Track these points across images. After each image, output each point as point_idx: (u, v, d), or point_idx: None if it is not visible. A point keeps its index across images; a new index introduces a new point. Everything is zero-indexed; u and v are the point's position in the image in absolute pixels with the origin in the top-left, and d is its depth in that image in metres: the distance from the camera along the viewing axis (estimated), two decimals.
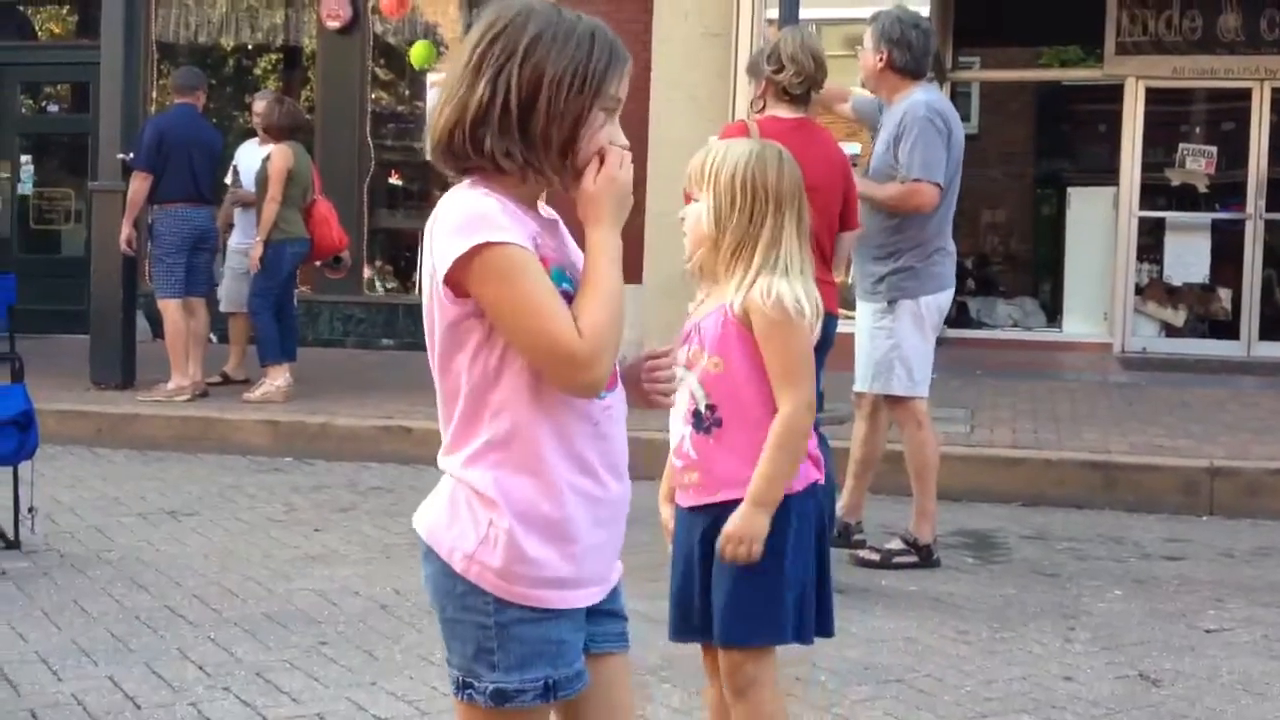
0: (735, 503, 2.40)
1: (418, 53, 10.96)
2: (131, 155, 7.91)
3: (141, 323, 9.16)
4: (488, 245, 1.71)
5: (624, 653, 1.96)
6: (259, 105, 8.26)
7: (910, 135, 4.68)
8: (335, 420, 7.02)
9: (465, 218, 1.74)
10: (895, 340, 4.75)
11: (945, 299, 4.94)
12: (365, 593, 4.30)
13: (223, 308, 8.55)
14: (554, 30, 1.76)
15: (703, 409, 2.44)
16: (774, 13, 8.17)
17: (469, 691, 1.82)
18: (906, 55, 4.77)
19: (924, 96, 4.78)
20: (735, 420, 2.43)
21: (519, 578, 1.79)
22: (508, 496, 1.78)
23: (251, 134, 8.73)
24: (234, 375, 8.40)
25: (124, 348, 8.13)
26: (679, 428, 2.48)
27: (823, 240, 4.26)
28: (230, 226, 8.49)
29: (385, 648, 3.74)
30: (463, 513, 1.81)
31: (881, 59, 4.80)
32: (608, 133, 1.82)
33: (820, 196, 4.29)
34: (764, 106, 4.43)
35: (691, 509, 2.49)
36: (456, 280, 1.74)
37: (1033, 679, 3.61)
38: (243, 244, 8.41)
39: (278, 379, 7.68)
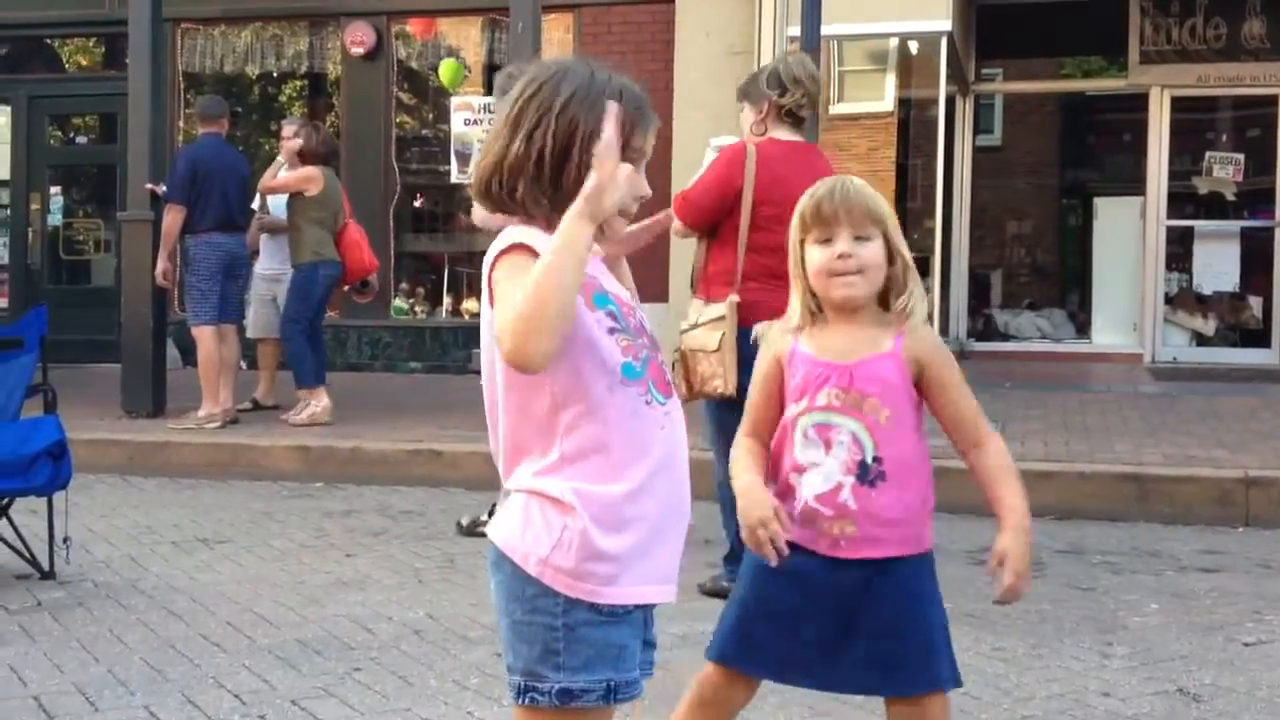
0: (894, 559, 2.37)
1: (446, 73, 11.03)
2: (164, 187, 7.98)
3: (172, 350, 9.22)
4: (518, 246, 1.87)
5: (647, 678, 2.05)
6: (288, 130, 8.33)
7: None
8: (365, 445, 7.05)
9: (510, 235, 1.90)
10: None
11: None
12: (398, 618, 4.31)
13: (250, 334, 8.59)
14: (587, 89, 1.92)
15: (869, 460, 2.36)
16: (796, 30, 8.16)
17: (532, 694, 1.92)
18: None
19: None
20: (899, 473, 2.37)
21: (590, 575, 1.89)
22: (583, 499, 1.89)
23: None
24: (264, 401, 8.45)
25: (155, 376, 8.19)
26: (832, 475, 2.37)
27: None
28: (256, 253, 8.55)
29: (419, 673, 3.74)
30: (536, 520, 1.92)
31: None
32: (629, 181, 1.91)
33: None
34: (765, 130, 4.49)
35: (840, 560, 2.37)
36: None
37: (1071, 695, 3.57)
38: (269, 270, 8.47)
39: (321, 400, 7.74)
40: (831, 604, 2.38)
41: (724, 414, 4.25)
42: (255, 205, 8.50)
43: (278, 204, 8.39)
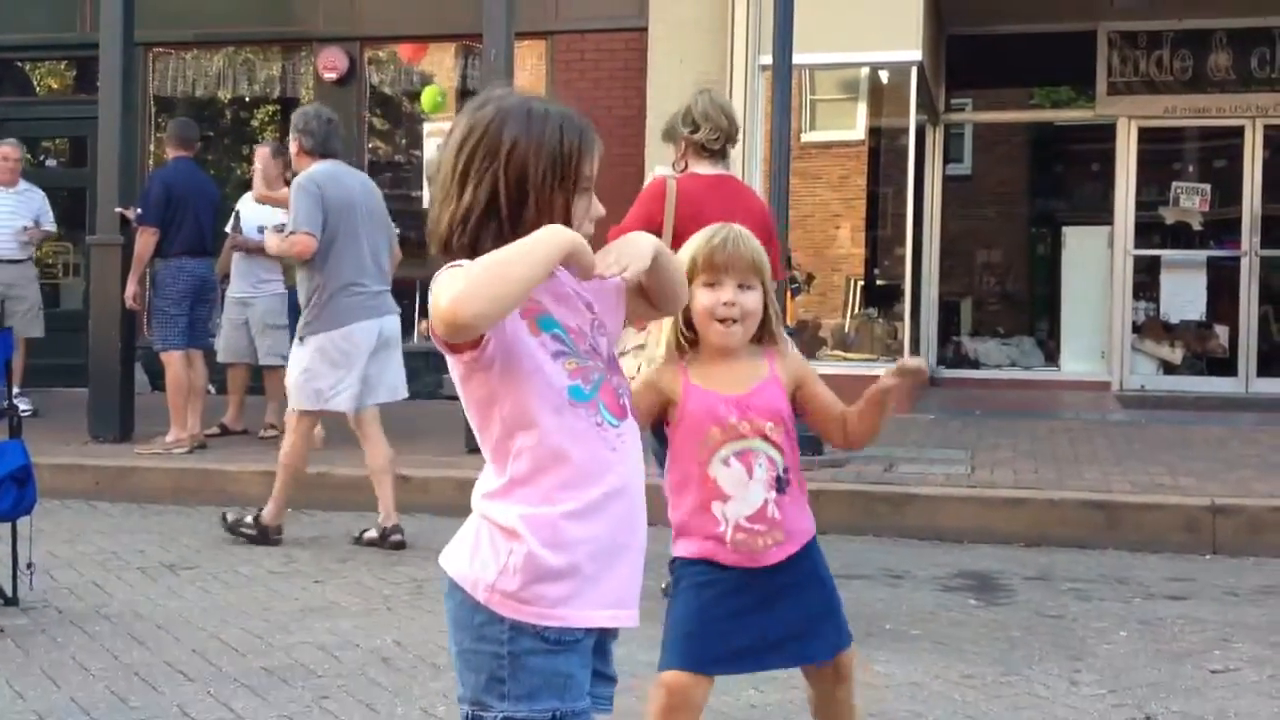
0: (805, 547, 2.72)
1: (427, 99, 11.06)
2: (138, 211, 7.95)
3: (140, 375, 9.16)
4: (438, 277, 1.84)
5: (607, 716, 2.05)
6: (262, 153, 8.34)
7: (293, 198, 5.85)
8: (334, 470, 7.00)
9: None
10: (305, 367, 5.76)
11: (352, 331, 5.84)
12: (366, 645, 4.28)
13: (220, 358, 8.54)
14: (529, 130, 1.89)
15: (781, 474, 2.67)
16: (767, 59, 8.23)
17: None
18: (310, 140, 5.97)
19: (315, 168, 5.92)
20: (795, 477, 2.71)
21: (538, 599, 1.88)
22: (530, 524, 1.89)
23: (250, 184, 8.77)
24: (233, 427, 8.40)
25: (122, 400, 8.13)
26: (757, 496, 2.64)
27: None
28: (226, 277, 8.51)
29: (386, 701, 3.71)
30: (484, 546, 1.92)
31: (297, 146, 6.04)
32: (590, 210, 1.95)
33: None
34: (685, 166, 4.72)
35: (772, 566, 2.67)
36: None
37: None
38: (241, 294, 8.44)
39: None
40: (766, 600, 2.68)
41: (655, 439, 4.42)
42: (228, 227, 8.47)
43: (250, 225, 8.37)
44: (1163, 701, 3.75)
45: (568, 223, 1.89)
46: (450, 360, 1.91)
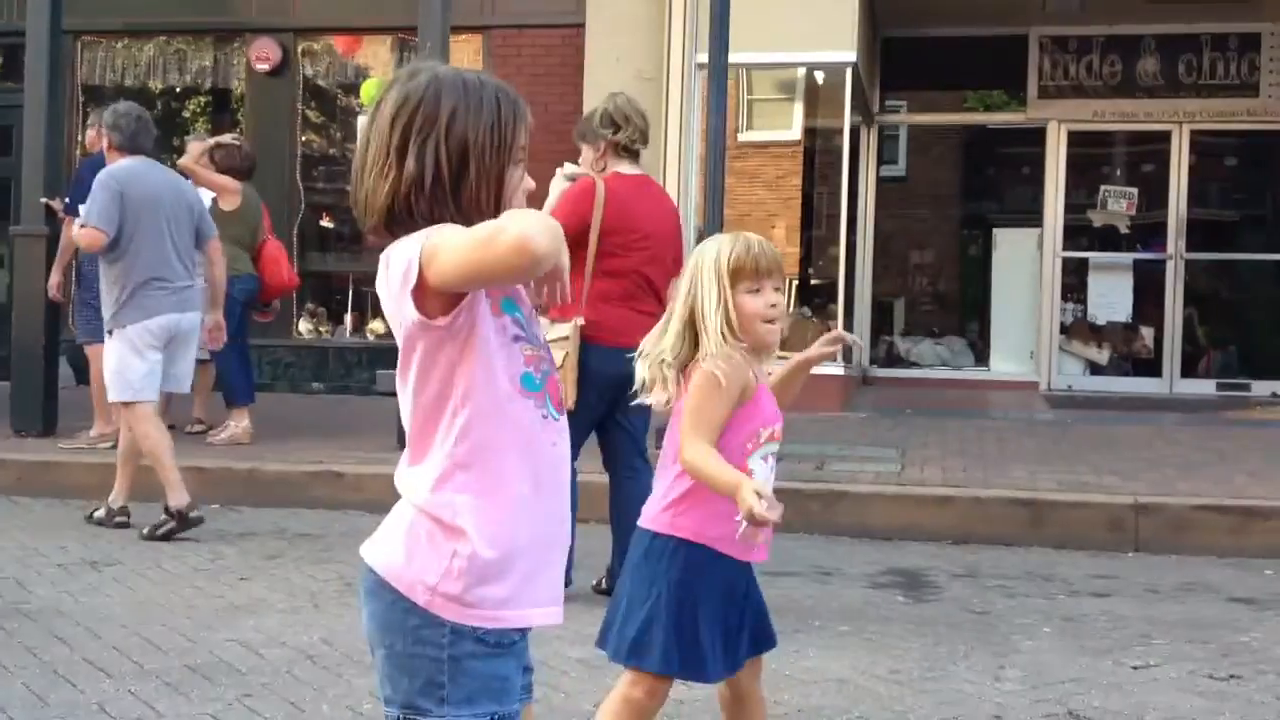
0: None
1: (368, 90, 10.95)
2: (66, 201, 7.80)
3: (64, 369, 8.99)
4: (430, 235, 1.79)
5: (529, 704, 2.04)
6: (194, 148, 8.26)
7: (92, 193, 6.00)
8: (263, 466, 6.93)
9: (408, 241, 1.82)
10: (117, 359, 5.88)
11: (159, 323, 5.96)
12: (292, 642, 4.23)
13: None
14: (466, 99, 1.86)
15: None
16: (704, 57, 8.24)
17: None
18: (120, 136, 6.14)
19: (118, 165, 6.09)
20: None
21: (481, 601, 1.84)
22: (474, 518, 1.83)
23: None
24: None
25: (45, 394, 7.98)
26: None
27: (659, 283, 4.75)
28: None
29: (312, 699, 3.68)
30: (423, 545, 1.85)
31: (107, 141, 6.23)
32: (522, 182, 1.93)
33: (658, 243, 4.79)
34: (605, 166, 4.83)
35: (747, 562, 2.79)
36: (421, 290, 1.77)
37: (963, 718, 3.62)
38: None
39: (243, 420, 7.69)
40: (737, 596, 2.77)
41: None
42: None
43: None
44: (1083, 697, 3.81)
45: (500, 195, 1.87)
46: (416, 329, 1.81)
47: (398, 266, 1.80)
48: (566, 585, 4.74)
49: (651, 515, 2.76)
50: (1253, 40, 11.18)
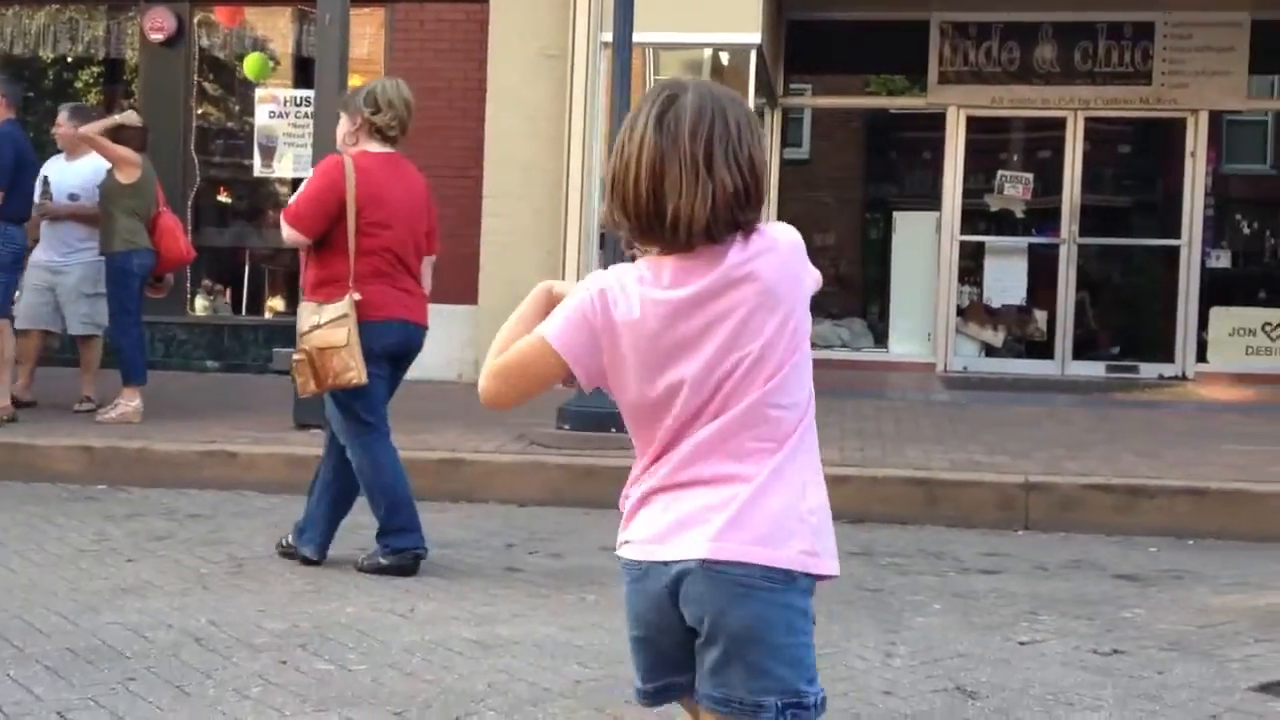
0: None
1: (251, 65, 10.74)
2: None
3: None
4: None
5: None
6: (62, 118, 8.06)
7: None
8: (154, 445, 6.77)
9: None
10: None
11: None
12: (179, 625, 4.14)
13: (19, 325, 8.07)
14: (742, 109, 1.96)
15: None
16: (609, 35, 8.22)
17: (797, 712, 1.94)
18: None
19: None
20: None
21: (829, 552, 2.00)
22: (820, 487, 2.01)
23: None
24: (22, 396, 7.97)
25: None
26: None
27: (412, 260, 4.92)
28: (35, 242, 8.13)
29: (198, 682, 3.60)
30: (796, 526, 1.95)
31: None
32: None
33: (408, 221, 4.89)
34: (357, 141, 4.92)
35: None
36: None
37: (854, 695, 3.66)
38: (50, 261, 8.07)
39: (133, 400, 7.52)
40: None
41: (351, 399, 4.77)
42: (38, 196, 8.08)
43: (60, 191, 8.06)
44: (972, 673, 3.87)
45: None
46: (805, 306, 1.98)
47: (798, 252, 1.95)
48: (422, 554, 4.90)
49: None
50: (1146, 29, 11.42)
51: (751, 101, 10.33)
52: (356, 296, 4.72)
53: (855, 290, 13.33)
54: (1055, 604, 4.70)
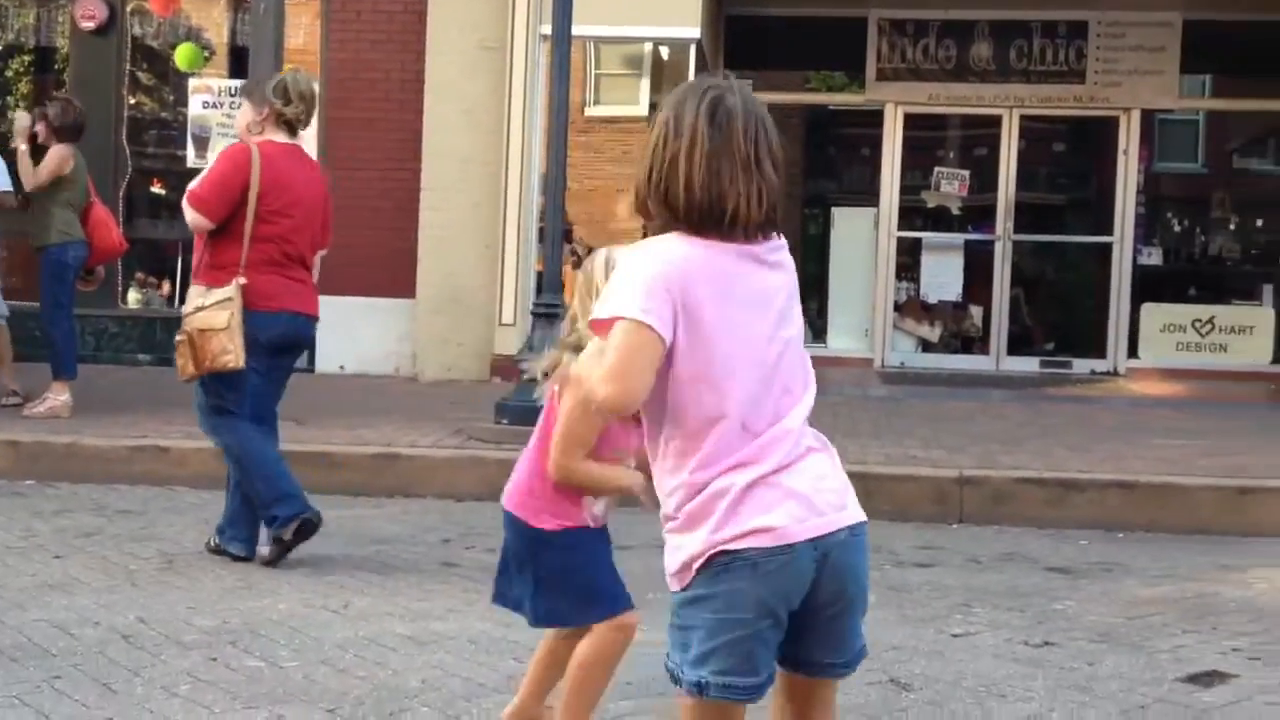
0: None
1: (183, 55, 10.58)
2: None
3: None
4: None
5: None
6: (23, 122, 7.93)
7: None
8: (83, 440, 6.66)
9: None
10: None
11: None
12: (106, 622, 4.07)
13: None
14: (768, 114, 2.10)
15: None
16: (548, 28, 8.19)
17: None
18: None
19: None
20: None
21: None
22: None
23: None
24: None
25: None
26: None
27: (306, 251, 4.99)
28: None
29: (125, 680, 3.54)
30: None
31: None
32: None
33: (307, 213, 4.94)
34: (263, 130, 4.98)
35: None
36: None
37: None
38: None
39: (63, 394, 7.41)
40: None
41: (222, 388, 4.84)
42: None
43: None
44: (905, 665, 3.90)
45: None
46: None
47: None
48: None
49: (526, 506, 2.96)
50: (1080, 28, 11.56)
51: None
52: (242, 281, 4.76)
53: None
54: (988, 596, 4.75)
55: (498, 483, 6.25)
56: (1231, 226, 12.92)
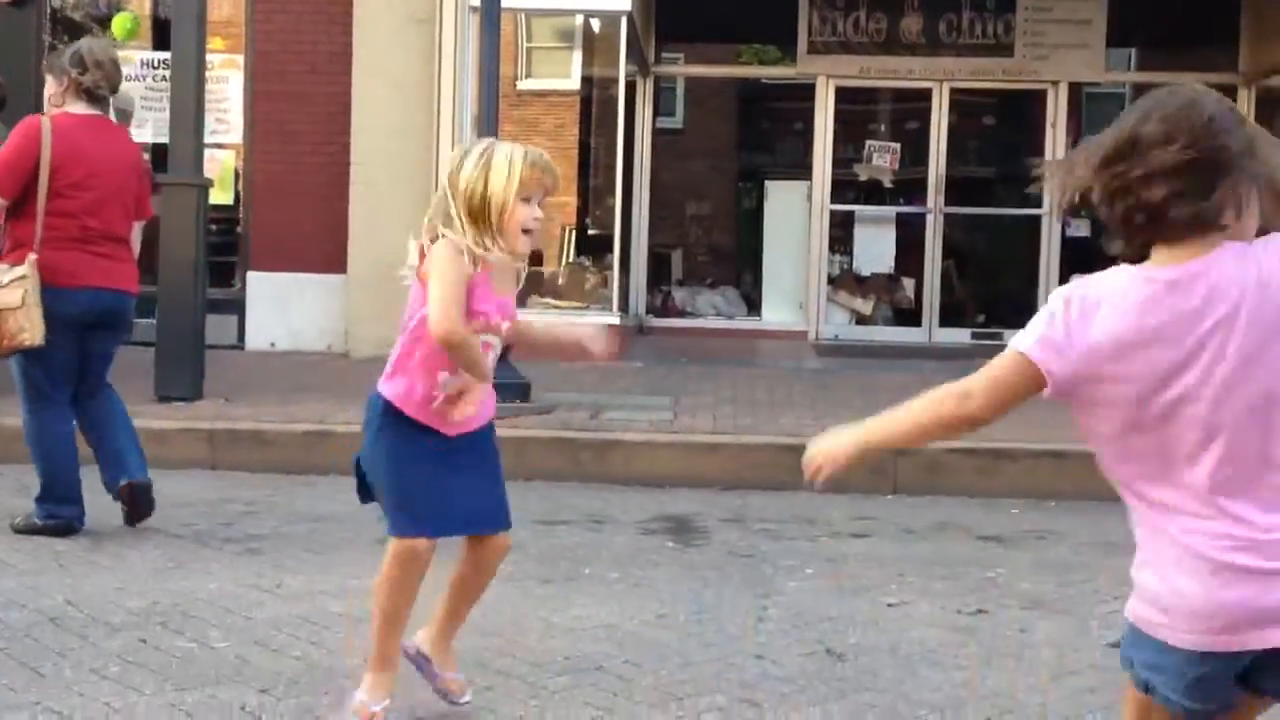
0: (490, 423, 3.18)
1: (119, 25, 10.34)
2: None
3: None
4: None
5: None
6: None
7: None
8: (4, 420, 6.49)
9: None
10: None
11: None
12: (33, 605, 3.99)
13: None
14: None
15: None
16: (478, 1, 8.09)
17: None
18: None
19: None
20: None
21: None
22: None
23: None
24: None
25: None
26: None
27: (116, 224, 4.91)
28: None
29: (53, 663, 3.48)
30: None
31: None
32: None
33: (113, 185, 4.86)
34: (63, 103, 4.89)
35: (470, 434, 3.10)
36: None
37: (726, 659, 3.68)
38: None
39: None
40: (475, 462, 3.09)
41: (31, 365, 4.83)
42: None
43: None
44: (840, 635, 3.93)
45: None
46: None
47: None
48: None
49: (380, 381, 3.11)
50: (1009, 2, 11.64)
51: (622, 70, 10.31)
52: (33, 257, 4.69)
53: (728, 259, 13.41)
54: (922, 566, 4.80)
55: None
56: None
